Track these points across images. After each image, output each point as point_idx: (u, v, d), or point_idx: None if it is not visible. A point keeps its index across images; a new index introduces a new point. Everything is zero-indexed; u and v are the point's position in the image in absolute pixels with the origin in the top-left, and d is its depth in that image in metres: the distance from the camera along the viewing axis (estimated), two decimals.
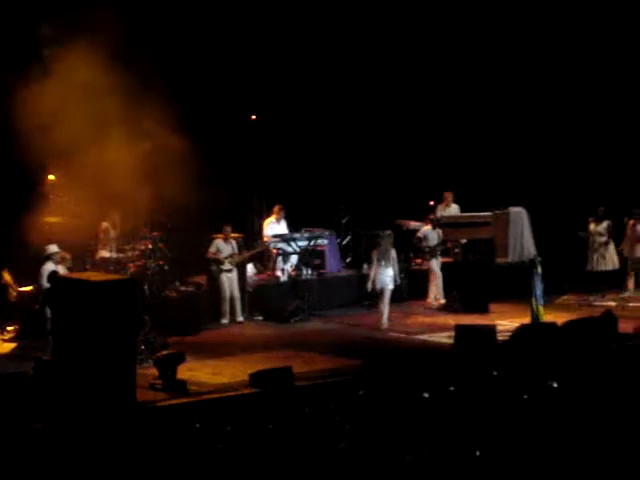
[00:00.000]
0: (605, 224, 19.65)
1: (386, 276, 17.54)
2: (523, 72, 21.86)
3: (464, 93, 22.01)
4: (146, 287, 15.83)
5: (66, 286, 12.92)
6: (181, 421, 10.98)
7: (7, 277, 16.67)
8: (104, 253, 17.31)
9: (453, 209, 20.70)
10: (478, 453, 9.44)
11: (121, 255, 17.05)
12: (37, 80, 15.80)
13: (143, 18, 18.36)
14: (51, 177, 17.78)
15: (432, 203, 20.82)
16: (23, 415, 11.34)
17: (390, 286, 17.62)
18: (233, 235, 18.45)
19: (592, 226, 19.78)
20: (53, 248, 15.46)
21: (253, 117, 20.85)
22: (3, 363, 14.65)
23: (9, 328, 16.35)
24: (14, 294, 16.58)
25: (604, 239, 19.64)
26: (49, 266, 15.16)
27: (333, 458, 9.46)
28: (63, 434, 10.60)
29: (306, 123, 21.23)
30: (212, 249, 18.11)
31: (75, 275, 14.67)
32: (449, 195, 20.66)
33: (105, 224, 17.60)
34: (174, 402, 12.08)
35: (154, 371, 13.23)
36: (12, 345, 15.91)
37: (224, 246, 18.09)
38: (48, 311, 14.50)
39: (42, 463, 9.80)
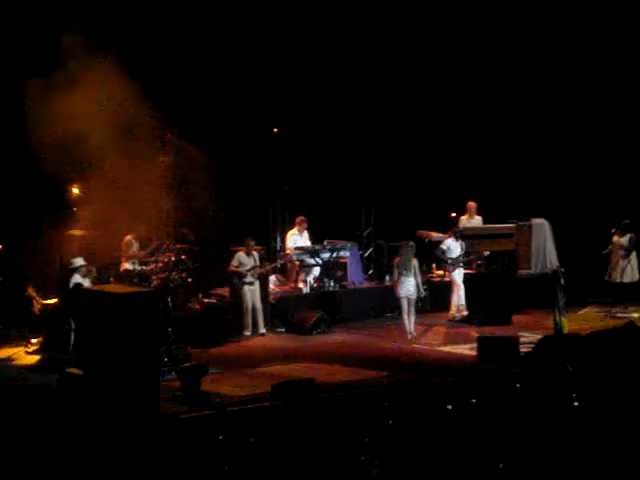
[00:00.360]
0: (628, 236, 19.56)
1: (409, 286, 17.55)
2: (549, 83, 21.81)
3: (487, 104, 21.99)
4: (169, 299, 15.91)
5: (89, 298, 12.98)
6: (204, 433, 11.00)
7: (31, 290, 16.78)
8: (127, 266, 17.40)
9: (476, 220, 20.67)
10: (501, 466, 9.43)
11: (144, 268, 17.14)
12: (62, 91, 15.93)
13: (168, 31, 18.53)
14: (75, 190, 17.91)
15: (454, 214, 20.80)
16: (48, 427, 11.39)
17: (414, 296, 17.62)
18: (255, 248, 18.49)
19: (615, 238, 19.70)
20: (79, 261, 15.60)
21: (275, 130, 20.92)
22: (27, 375, 14.72)
23: (33, 340, 16.44)
24: (38, 306, 16.68)
25: (626, 252, 19.55)
26: (76, 279, 15.29)
27: (355, 470, 9.47)
28: (87, 446, 10.64)
29: (328, 135, 21.29)
30: (234, 262, 18.15)
31: (98, 287, 14.77)
32: (472, 206, 20.64)
33: (128, 237, 17.69)
34: (197, 414, 12.09)
35: (177, 383, 13.26)
36: (36, 357, 15.98)
37: (246, 259, 18.13)
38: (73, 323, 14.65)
39: (66, 473, 9.84)
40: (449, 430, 10.51)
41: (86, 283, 15.43)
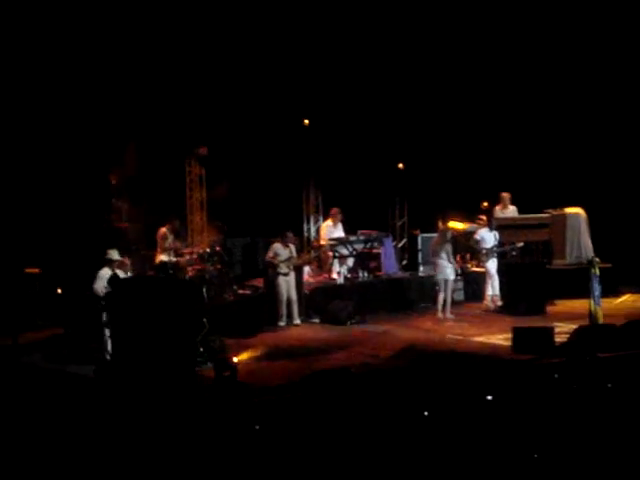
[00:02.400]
0: None
1: (446, 267, 18.10)
2: (583, 70, 21.71)
3: (521, 93, 21.91)
4: (204, 290, 15.98)
5: (127, 287, 13.08)
6: (241, 422, 11.06)
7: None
8: (163, 257, 17.50)
9: (510, 211, 20.62)
10: (536, 456, 9.42)
11: (179, 259, 17.24)
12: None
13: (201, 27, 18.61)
14: (113, 182, 18.05)
15: (486, 204, 20.76)
16: (86, 416, 11.50)
17: (451, 277, 18.26)
18: (291, 239, 18.53)
19: None
20: (114, 254, 15.33)
21: (306, 122, 20.96)
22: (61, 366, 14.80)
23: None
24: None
25: None
26: (105, 271, 15.10)
27: (390, 459, 9.49)
28: (124, 435, 10.73)
29: (362, 126, 21.28)
30: (270, 253, 18.21)
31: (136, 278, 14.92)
32: (506, 196, 20.58)
33: (164, 229, 17.79)
34: (234, 404, 12.14)
35: (212, 373, 13.34)
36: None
37: (282, 250, 18.18)
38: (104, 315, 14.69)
39: (104, 464, 9.93)
40: (486, 421, 10.51)
41: (121, 275, 15.48)
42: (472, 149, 22.08)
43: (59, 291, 16.74)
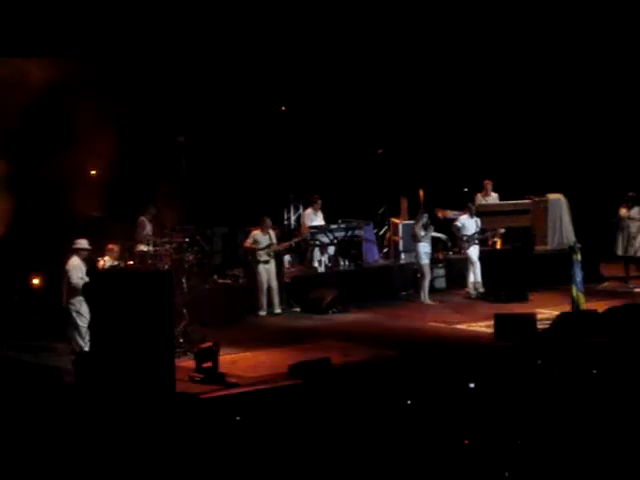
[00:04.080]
0: (637, 209, 19.52)
1: (421, 252, 18.53)
2: (557, 58, 21.70)
3: (499, 80, 21.87)
4: (184, 280, 15.83)
5: (105, 279, 12.95)
6: (221, 414, 10.97)
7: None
8: (142, 247, 17.33)
9: (492, 198, 20.56)
10: (519, 442, 9.37)
11: (158, 249, 17.07)
12: None
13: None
14: (93, 172, 17.87)
15: (466, 190, 20.72)
16: (64, 408, 11.38)
17: (424, 261, 18.53)
18: (271, 227, 18.41)
19: (623, 211, 19.67)
20: (83, 243, 15.06)
21: (283, 108, 20.80)
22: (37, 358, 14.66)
23: None
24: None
25: (636, 224, 19.51)
26: (74, 260, 14.86)
27: (374, 449, 9.42)
28: (103, 426, 10.63)
29: (341, 113, 21.15)
30: (249, 240, 18.09)
31: (114, 269, 14.76)
32: (488, 184, 20.54)
33: (142, 218, 17.64)
34: (213, 395, 12.06)
35: (193, 364, 13.23)
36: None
37: (262, 237, 18.05)
38: (73, 307, 14.54)
39: (80, 454, 9.82)
40: (469, 408, 10.45)
41: (108, 263, 15.31)
42: (454, 136, 22.00)
43: (35, 282, 16.55)
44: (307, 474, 9.19)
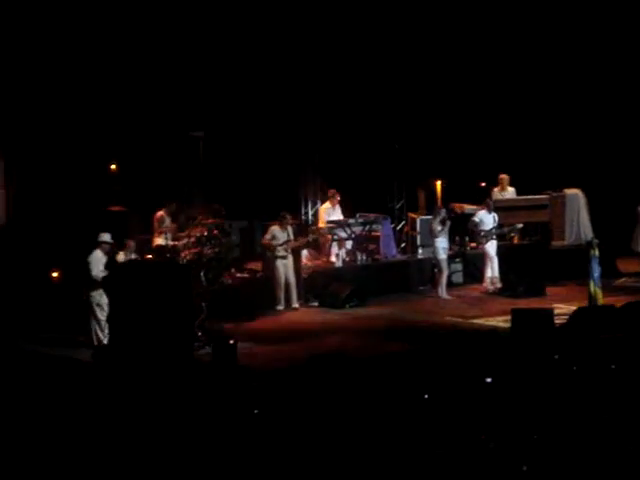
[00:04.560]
0: None
1: (439, 248, 18.46)
2: (578, 51, 21.63)
3: (520, 74, 21.81)
4: (202, 274, 15.90)
5: (125, 271, 13.02)
6: (240, 406, 11.01)
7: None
8: (160, 241, 17.41)
9: (509, 192, 20.54)
10: (536, 437, 9.38)
11: (177, 243, 17.15)
12: None
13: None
14: (113, 166, 17.97)
15: (483, 184, 20.69)
16: (83, 401, 11.45)
17: (442, 256, 18.46)
18: (289, 222, 18.44)
19: None
20: (106, 237, 15.16)
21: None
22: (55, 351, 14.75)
23: None
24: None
25: None
26: (97, 254, 14.97)
27: (390, 443, 9.45)
28: (123, 420, 10.69)
29: (359, 106, 21.13)
30: (268, 236, 18.13)
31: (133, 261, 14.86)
32: (505, 178, 20.50)
33: (160, 212, 17.71)
34: (233, 388, 12.10)
35: (211, 357, 13.29)
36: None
37: (280, 233, 18.08)
38: (94, 299, 14.62)
39: (98, 446, 9.89)
40: (486, 402, 10.46)
41: (123, 257, 15.40)
42: (471, 131, 21.97)
43: (54, 275, 16.64)
44: (323, 466, 9.22)
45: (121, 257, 15.41)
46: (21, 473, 9.26)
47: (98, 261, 14.82)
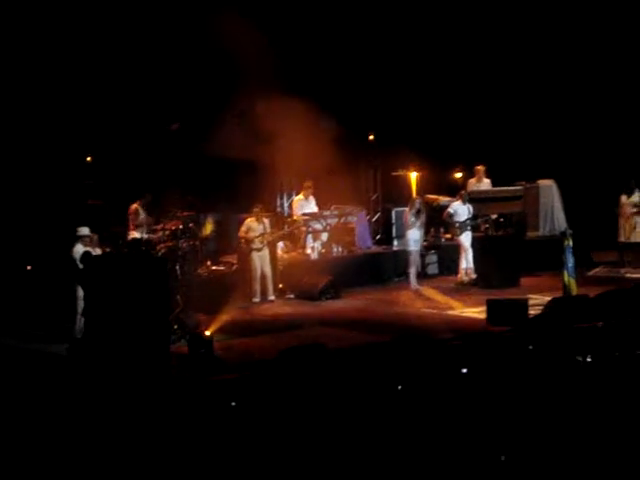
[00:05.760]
0: (637, 195, 19.57)
1: (410, 239, 18.46)
2: (554, 43, 21.68)
3: (494, 65, 21.85)
4: (177, 267, 15.88)
5: (99, 264, 12.97)
6: (215, 398, 11.01)
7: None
8: (135, 234, 17.37)
9: (485, 184, 20.61)
10: (513, 428, 9.42)
11: (152, 236, 17.11)
12: None
13: None
14: (88, 159, 17.91)
15: (459, 175, 20.75)
16: (57, 395, 11.42)
17: (412, 248, 18.46)
18: (264, 214, 18.43)
19: (624, 198, 19.69)
20: (84, 230, 15.17)
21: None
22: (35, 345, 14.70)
23: None
24: None
25: (635, 210, 19.58)
26: (78, 248, 14.93)
27: (365, 435, 9.48)
28: (98, 414, 10.68)
29: (331, 96, 21.05)
30: (243, 228, 18.13)
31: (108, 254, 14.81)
32: (481, 169, 20.57)
33: (135, 205, 17.66)
34: (208, 380, 12.10)
35: (186, 350, 13.28)
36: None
37: (256, 225, 18.09)
38: (79, 292, 14.58)
39: (74, 443, 9.87)
40: (461, 393, 10.50)
41: (94, 252, 15.35)
42: (447, 121, 21.98)
43: (28, 268, 16.58)
44: (300, 459, 9.24)
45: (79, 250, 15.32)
46: None
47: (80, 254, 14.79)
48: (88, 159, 18.03)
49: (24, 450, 9.60)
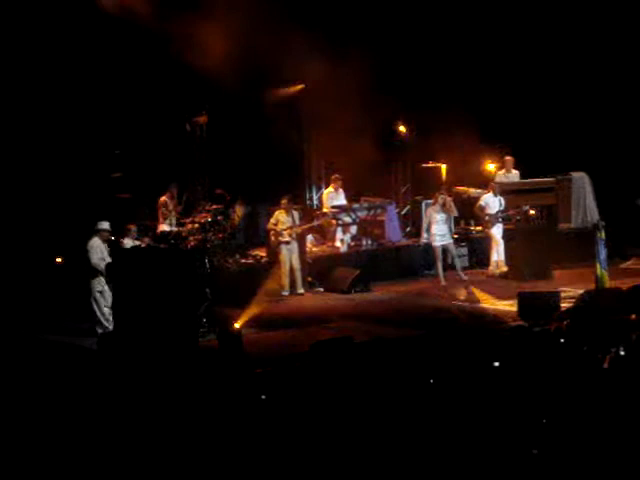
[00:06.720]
0: None
1: (435, 234, 18.24)
2: (585, 36, 21.46)
3: (524, 56, 21.65)
4: (206, 260, 15.86)
5: (129, 258, 12.97)
6: (246, 393, 10.98)
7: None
8: (164, 227, 17.39)
9: (513, 175, 20.44)
10: (545, 421, 9.33)
11: (181, 229, 17.11)
12: None
13: None
14: (117, 152, 17.95)
15: (490, 166, 20.59)
16: (88, 389, 11.43)
17: (435, 244, 18.27)
18: (294, 207, 18.37)
19: None
20: (104, 224, 15.04)
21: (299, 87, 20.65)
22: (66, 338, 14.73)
23: None
24: None
25: None
26: (94, 241, 14.89)
27: (396, 428, 9.41)
28: (128, 407, 10.67)
29: (357, 90, 20.96)
30: (272, 220, 18.08)
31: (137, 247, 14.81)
32: (510, 160, 20.40)
33: (164, 198, 17.68)
34: (237, 374, 12.05)
35: (216, 344, 13.24)
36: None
37: (285, 218, 18.03)
38: (94, 287, 14.58)
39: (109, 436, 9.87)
40: (493, 387, 10.41)
41: (129, 243, 15.35)
42: (475, 112, 21.78)
43: (58, 261, 16.63)
44: (330, 452, 9.19)
45: (127, 242, 15.34)
46: (26, 460, 9.24)
47: (97, 249, 14.74)
48: (116, 152, 18.01)
49: (54, 443, 9.62)
